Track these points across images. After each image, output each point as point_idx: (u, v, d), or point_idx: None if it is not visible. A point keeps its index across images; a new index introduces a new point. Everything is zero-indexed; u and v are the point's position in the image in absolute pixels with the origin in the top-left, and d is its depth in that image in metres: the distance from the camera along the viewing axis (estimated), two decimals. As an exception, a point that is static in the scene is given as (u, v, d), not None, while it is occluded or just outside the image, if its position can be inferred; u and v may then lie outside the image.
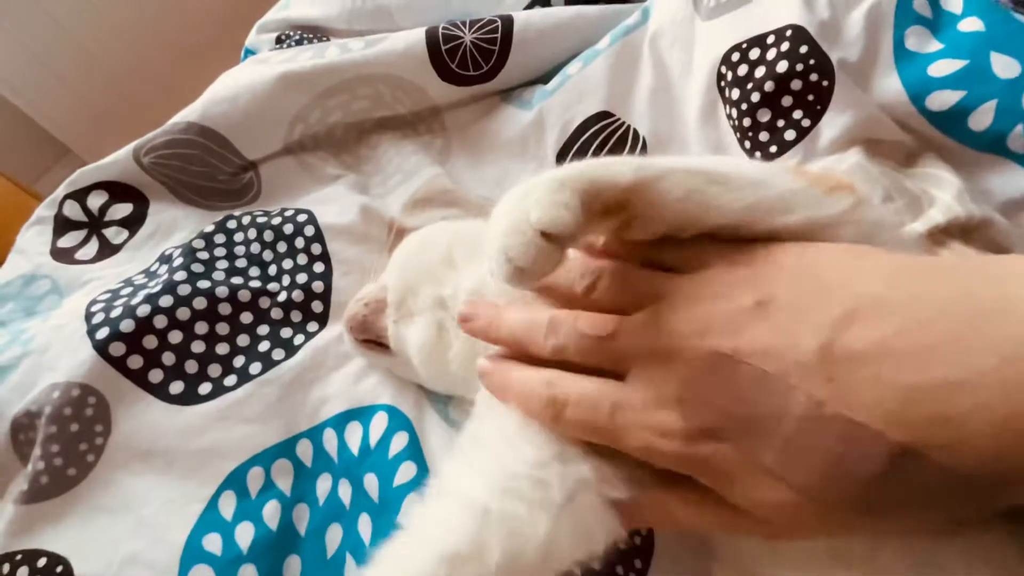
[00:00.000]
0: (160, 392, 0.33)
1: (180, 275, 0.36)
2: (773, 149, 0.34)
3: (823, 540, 0.19)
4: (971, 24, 0.29)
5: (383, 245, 0.41)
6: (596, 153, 0.41)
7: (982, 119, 0.28)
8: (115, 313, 0.34)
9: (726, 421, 0.17)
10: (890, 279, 0.16)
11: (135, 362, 0.33)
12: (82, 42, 1.10)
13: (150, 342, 0.34)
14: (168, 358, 0.34)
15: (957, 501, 0.15)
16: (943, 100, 0.29)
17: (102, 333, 0.33)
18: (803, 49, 0.32)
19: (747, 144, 0.35)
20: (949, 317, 0.15)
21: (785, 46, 0.32)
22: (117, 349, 0.33)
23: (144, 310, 0.34)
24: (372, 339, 0.32)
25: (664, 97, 0.40)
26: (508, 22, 0.44)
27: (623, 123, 0.41)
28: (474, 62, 0.45)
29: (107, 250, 0.42)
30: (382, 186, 0.44)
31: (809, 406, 0.15)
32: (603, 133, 0.41)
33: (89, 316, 0.34)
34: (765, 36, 0.34)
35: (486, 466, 0.22)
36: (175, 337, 0.34)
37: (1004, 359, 0.14)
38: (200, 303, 0.35)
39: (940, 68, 0.30)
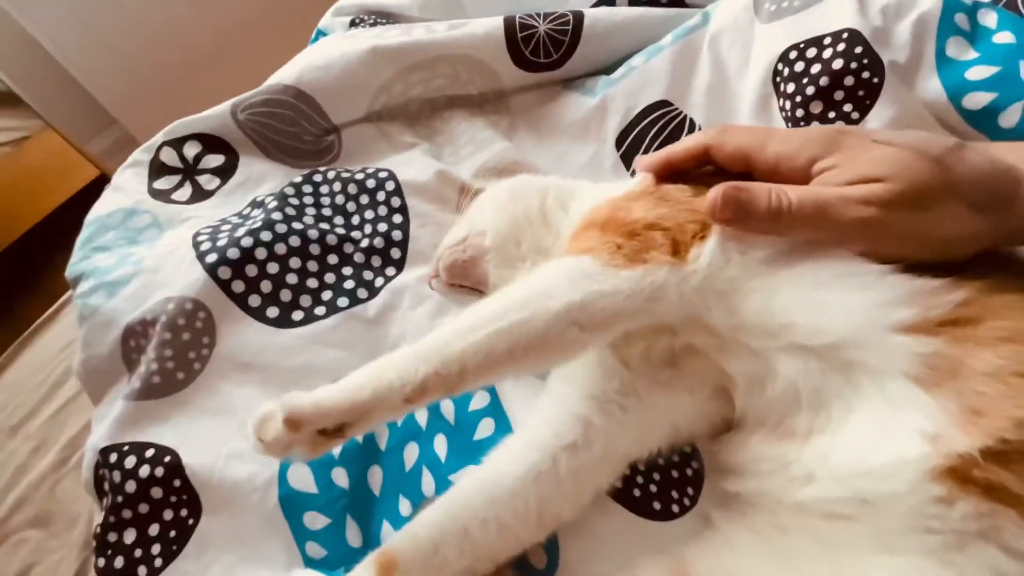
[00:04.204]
0: (259, 315, 0.36)
1: (276, 215, 0.40)
2: (823, 138, 0.38)
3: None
4: (1004, 37, 0.34)
5: (454, 205, 0.44)
6: (655, 138, 0.45)
7: (1011, 117, 0.33)
8: (221, 242, 0.38)
9: (853, 128, 0.27)
10: None
11: (238, 286, 0.37)
12: (138, 17, 1.15)
13: (251, 270, 0.37)
14: (266, 286, 0.37)
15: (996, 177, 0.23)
16: (977, 100, 0.33)
17: (211, 258, 0.37)
18: (858, 50, 0.36)
19: (798, 134, 0.39)
20: None
21: (841, 47, 0.37)
22: (224, 273, 0.36)
23: (247, 241, 0.37)
24: (466, 284, 0.35)
25: (719, 91, 0.45)
26: (579, 16, 0.49)
27: (680, 112, 0.45)
28: (545, 51, 0.49)
29: (201, 194, 0.45)
30: (454, 155, 0.48)
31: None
32: (662, 120, 0.45)
33: (196, 244, 0.38)
34: (822, 38, 0.38)
35: (582, 386, 0.29)
36: (272, 268, 0.38)
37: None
38: (294, 241, 0.39)
39: (976, 73, 0.34)
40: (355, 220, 0.42)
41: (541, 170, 0.46)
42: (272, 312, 0.37)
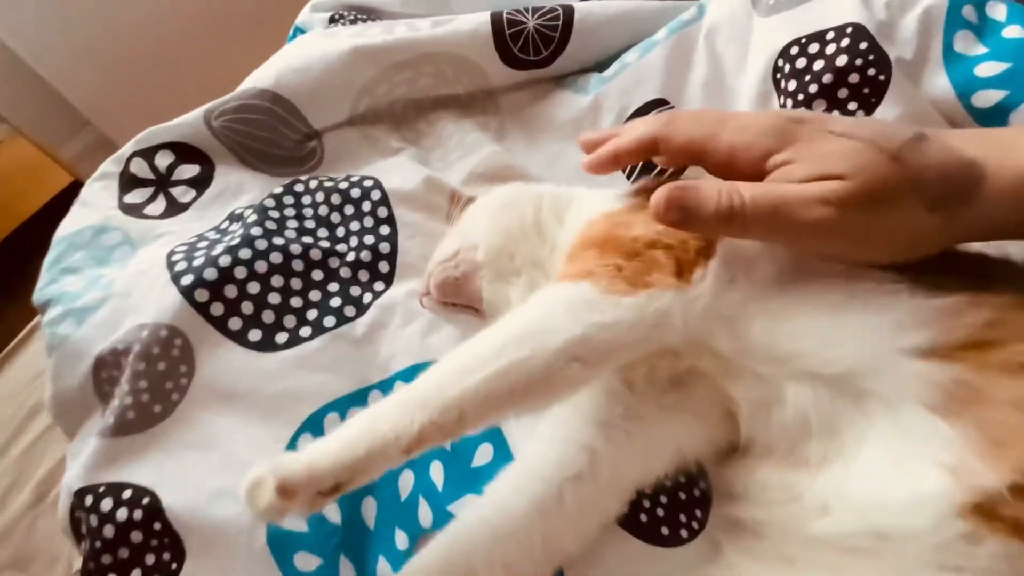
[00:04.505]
0: (240, 338, 0.34)
1: (256, 230, 0.38)
2: (826, 138, 0.36)
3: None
4: (1014, 31, 0.32)
5: (444, 213, 0.43)
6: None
7: (1022, 116, 0.31)
8: (197, 262, 0.35)
9: (809, 115, 0.24)
10: None
11: (217, 309, 0.34)
12: (110, 15, 1.10)
13: (231, 291, 0.35)
14: (247, 307, 0.35)
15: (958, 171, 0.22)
16: (987, 98, 0.32)
17: (187, 279, 0.34)
18: (863, 45, 0.34)
19: (800, 134, 0.38)
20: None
21: (845, 42, 0.35)
22: (201, 295, 0.34)
23: (225, 260, 0.35)
24: (459, 302, 0.33)
25: (717, 88, 0.43)
26: (569, 11, 0.47)
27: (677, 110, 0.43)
28: (535, 47, 0.47)
29: (175, 208, 0.43)
30: (442, 160, 0.46)
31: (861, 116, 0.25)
32: (658, 120, 0.43)
33: (171, 264, 0.36)
34: (824, 32, 0.36)
35: (584, 411, 0.27)
36: (253, 288, 0.36)
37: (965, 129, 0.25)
38: (276, 258, 0.37)
39: (985, 69, 0.32)
40: (340, 232, 0.40)
41: (533, 175, 0.44)
42: (254, 335, 0.35)
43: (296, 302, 0.37)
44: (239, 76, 0.49)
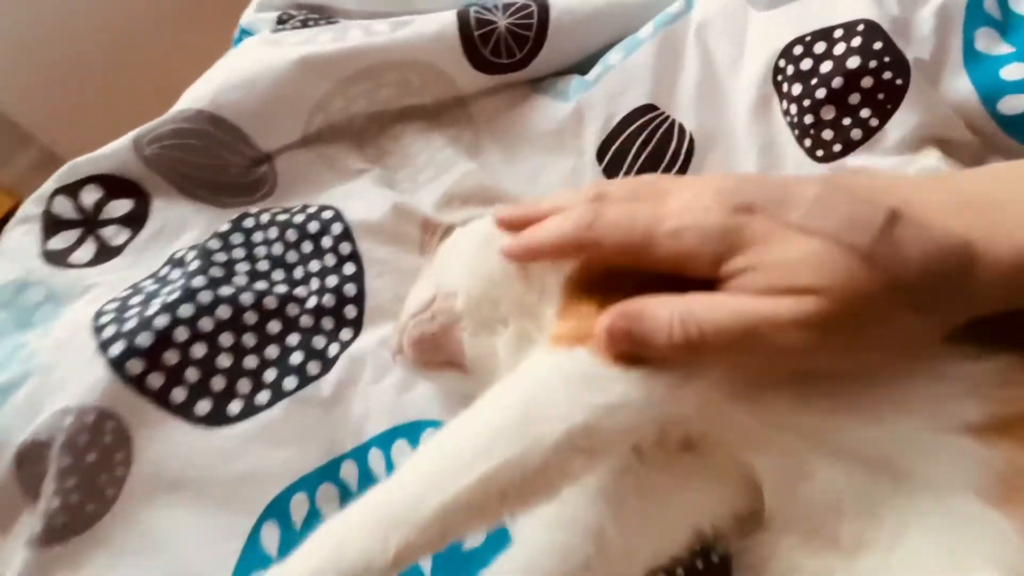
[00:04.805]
0: (185, 413, 0.30)
1: (199, 280, 0.33)
2: (837, 148, 0.33)
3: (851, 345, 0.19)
4: (1047, 25, 0.29)
5: (416, 245, 0.38)
6: (642, 148, 0.39)
7: (1057, 123, 0.28)
8: (129, 325, 0.30)
9: (757, 198, 0.20)
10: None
11: (155, 380, 0.30)
12: (47, 18, 1.01)
13: (171, 357, 0.30)
14: (192, 374, 0.30)
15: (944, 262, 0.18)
16: (1015, 104, 0.29)
17: (116, 349, 0.29)
18: (877, 45, 0.30)
19: (807, 142, 0.34)
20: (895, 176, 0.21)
21: (856, 41, 0.31)
22: (135, 367, 0.29)
23: (162, 321, 0.30)
24: (439, 360, 0.29)
25: (711, 90, 0.39)
26: (544, 7, 0.42)
27: (668, 117, 0.39)
28: (508, 49, 0.42)
29: (106, 252, 0.37)
30: (411, 181, 0.41)
31: (823, 187, 0.19)
32: (648, 127, 0.39)
33: (98, 329, 0.31)
34: (832, 30, 0.32)
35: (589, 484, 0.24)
36: (198, 351, 0.31)
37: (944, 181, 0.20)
38: (224, 312, 0.32)
39: (1012, 72, 0.29)
40: (298, 274, 0.36)
41: (514, 195, 0.40)
42: (202, 407, 0.30)
43: (251, 362, 0.32)
44: (191, 75, 0.43)
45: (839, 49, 0.32)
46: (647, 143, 0.39)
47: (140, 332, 0.30)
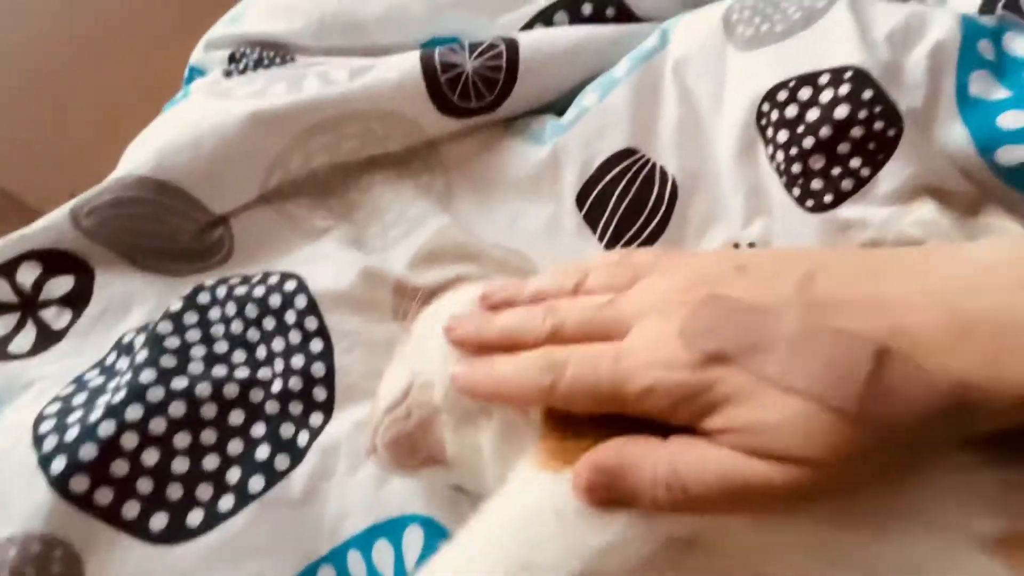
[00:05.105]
0: (139, 530, 0.27)
1: (148, 374, 0.30)
2: (828, 199, 0.31)
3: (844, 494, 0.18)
4: (1042, 70, 0.27)
5: (389, 311, 0.36)
6: (623, 195, 0.37)
7: (1057, 175, 0.27)
8: (71, 435, 0.27)
9: (728, 344, 0.18)
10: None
11: (103, 496, 0.27)
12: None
13: (119, 468, 0.27)
14: (144, 485, 0.28)
15: (942, 408, 0.16)
16: (1014, 155, 0.27)
17: (58, 464, 0.26)
18: (867, 94, 0.29)
19: (796, 192, 0.32)
20: (883, 270, 0.19)
21: (844, 89, 0.29)
22: (79, 484, 0.26)
23: (107, 428, 0.27)
24: (418, 459, 0.27)
25: (692, 131, 0.37)
26: (513, 47, 0.39)
27: (649, 160, 0.37)
28: (477, 92, 0.40)
29: (47, 338, 0.34)
30: (381, 238, 0.39)
31: (799, 324, 0.18)
32: (628, 172, 0.37)
33: (39, 440, 0.28)
34: (817, 75, 0.31)
35: None
36: (150, 458, 0.28)
37: (934, 287, 0.17)
38: (178, 409, 0.29)
39: (1011, 120, 0.28)
40: (261, 354, 0.33)
41: (491, 250, 0.38)
42: (158, 522, 0.27)
43: (211, 463, 0.29)
44: (142, 111, 0.40)
45: (826, 96, 0.30)
46: (628, 189, 0.37)
47: (84, 443, 0.27)
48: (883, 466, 0.17)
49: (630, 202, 0.37)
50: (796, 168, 0.32)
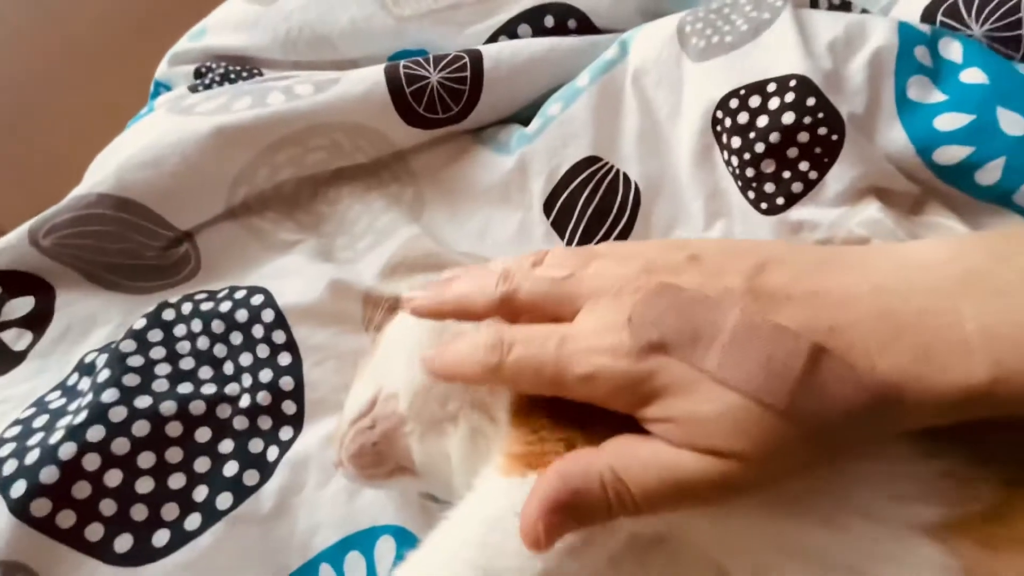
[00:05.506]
0: (103, 552, 0.26)
1: (110, 394, 0.29)
2: (780, 201, 0.32)
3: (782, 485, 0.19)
4: (973, 75, 0.29)
5: (359, 323, 0.36)
6: (588, 201, 0.38)
7: (989, 175, 0.28)
8: (31, 458, 0.27)
9: (672, 335, 0.18)
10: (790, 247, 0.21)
11: (66, 519, 0.26)
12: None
13: (81, 490, 0.27)
14: (108, 507, 0.27)
15: (870, 406, 0.17)
16: (951, 155, 0.29)
17: (18, 489, 0.26)
18: (810, 101, 0.30)
19: (751, 195, 0.34)
20: (829, 267, 0.19)
21: (790, 97, 0.31)
22: (41, 508, 0.26)
23: (68, 450, 0.27)
24: (386, 469, 0.26)
25: (652, 138, 0.38)
26: (477, 59, 0.40)
27: (612, 167, 0.38)
28: (443, 104, 0.40)
29: (7, 360, 0.33)
30: (350, 249, 0.39)
31: (742, 315, 0.18)
32: (593, 180, 0.38)
33: (-4, 464, 0.27)
34: (765, 83, 0.32)
35: None
36: (113, 478, 0.28)
37: (874, 286, 0.18)
38: (141, 428, 0.29)
39: (946, 122, 0.29)
40: (228, 369, 0.33)
41: (461, 258, 0.38)
42: (123, 543, 0.27)
43: (177, 482, 0.29)
44: (107, 127, 0.39)
45: (773, 104, 0.31)
46: (593, 196, 0.38)
47: (44, 466, 0.27)
48: (812, 459, 0.18)
49: (595, 208, 0.38)
50: (750, 172, 0.33)
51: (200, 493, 0.29)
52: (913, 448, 0.19)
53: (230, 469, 0.30)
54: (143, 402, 0.30)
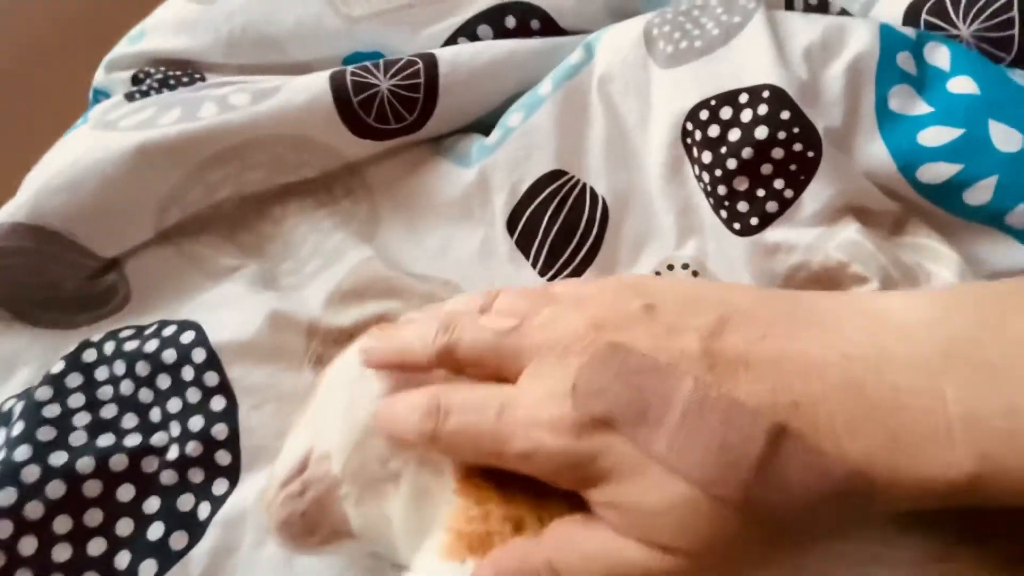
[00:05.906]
0: (10, 632, 0.24)
1: (23, 452, 0.26)
2: (755, 221, 0.30)
3: None
4: (963, 85, 0.26)
5: (301, 358, 0.33)
6: (553, 218, 0.35)
7: (980, 195, 0.26)
8: (-74, 529, 0.24)
9: (618, 408, 0.17)
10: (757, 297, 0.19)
11: (-35, 599, 0.24)
12: None
13: (-14, 563, 0.24)
14: (17, 580, 0.24)
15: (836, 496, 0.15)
16: (937, 173, 0.27)
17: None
18: (785, 115, 0.28)
19: (723, 213, 0.31)
20: (796, 324, 0.17)
21: (763, 109, 0.28)
22: (-66, 587, 0.23)
23: (-30, 518, 0.24)
24: (320, 536, 0.24)
25: (620, 149, 0.35)
26: (431, 63, 0.37)
27: (579, 182, 0.36)
28: (395, 113, 0.37)
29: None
30: (295, 274, 0.36)
31: (696, 388, 0.16)
32: (557, 196, 0.35)
33: None
34: (737, 94, 0.29)
35: None
36: (27, 547, 0.25)
37: (844, 354, 0.16)
38: (56, 489, 0.26)
39: (932, 136, 0.27)
40: (155, 416, 0.30)
41: (417, 280, 0.35)
42: (34, 621, 0.24)
43: (96, 547, 0.26)
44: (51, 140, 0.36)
45: (746, 116, 0.29)
46: (558, 214, 0.35)
47: (-60, 538, 0.24)
48: (771, 552, 0.16)
49: (561, 227, 0.35)
50: (722, 190, 0.30)
51: (122, 560, 0.26)
52: (889, 528, 0.17)
53: (155, 532, 0.27)
54: (58, 459, 0.27)
